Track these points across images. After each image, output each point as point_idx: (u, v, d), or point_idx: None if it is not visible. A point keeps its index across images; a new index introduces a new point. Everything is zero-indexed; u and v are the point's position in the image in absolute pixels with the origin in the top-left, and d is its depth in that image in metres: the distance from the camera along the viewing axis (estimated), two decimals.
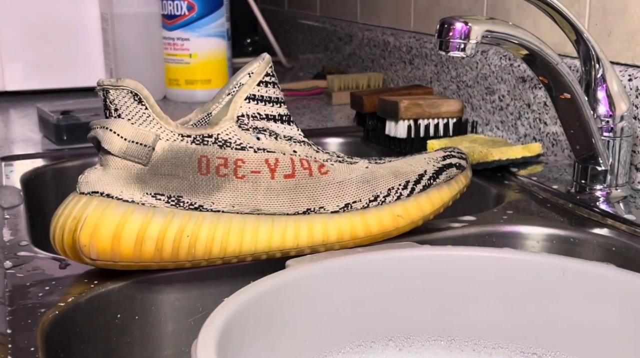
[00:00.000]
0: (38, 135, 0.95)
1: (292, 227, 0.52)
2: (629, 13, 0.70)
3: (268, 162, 0.51)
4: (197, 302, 0.53)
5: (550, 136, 0.80)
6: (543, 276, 0.47)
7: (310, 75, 1.39)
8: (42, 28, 1.21)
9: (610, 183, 0.66)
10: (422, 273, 0.49)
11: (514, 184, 0.72)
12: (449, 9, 1.01)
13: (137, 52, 1.19)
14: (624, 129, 0.65)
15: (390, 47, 1.15)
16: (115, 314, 0.50)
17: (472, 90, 0.93)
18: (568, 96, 0.62)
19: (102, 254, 0.48)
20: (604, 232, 0.60)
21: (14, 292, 0.49)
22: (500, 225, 0.62)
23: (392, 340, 0.49)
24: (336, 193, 0.53)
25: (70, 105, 0.96)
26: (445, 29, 0.56)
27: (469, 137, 0.82)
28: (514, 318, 0.48)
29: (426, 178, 0.57)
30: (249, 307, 0.41)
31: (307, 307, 0.46)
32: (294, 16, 1.59)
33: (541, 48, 0.60)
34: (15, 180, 0.76)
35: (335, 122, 1.03)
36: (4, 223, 0.62)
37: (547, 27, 0.81)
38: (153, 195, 0.49)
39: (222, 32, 1.19)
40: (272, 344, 0.44)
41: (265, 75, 0.53)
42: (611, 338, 0.46)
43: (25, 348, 0.42)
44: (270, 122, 0.53)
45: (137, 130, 0.49)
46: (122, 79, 0.49)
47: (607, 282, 0.45)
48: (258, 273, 0.46)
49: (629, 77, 0.69)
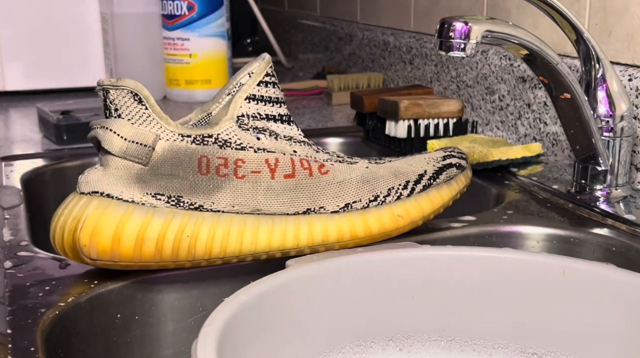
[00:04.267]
0: (38, 135, 0.95)
1: (292, 227, 0.52)
2: (629, 13, 0.70)
3: (268, 162, 0.51)
4: (197, 302, 0.53)
5: (550, 136, 0.80)
6: (543, 276, 0.47)
7: (310, 75, 1.39)
8: (42, 28, 1.21)
9: (610, 183, 0.66)
10: (422, 273, 0.49)
11: (514, 184, 0.72)
12: (449, 9, 1.01)
13: (137, 52, 1.19)
14: (624, 129, 0.65)
15: (390, 47, 1.15)
16: (115, 314, 0.50)
17: (472, 90, 0.93)
18: (568, 96, 0.62)
19: (102, 254, 0.48)
20: (604, 232, 0.60)
21: (14, 292, 0.49)
22: (500, 225, 0.62)
23: (392, 340, 0.49)
24: (336, 193, 0.53)
25: (70, 105, 0.96)
26: (445, 29, 0.56)
27: (469, 137, 0.82)
28: (514, 318, 0.48)
29: (426, 178, 0.57)
30: (249, 307, 0.41)
31: (307, 307, 0.46)
32: (294, 16, 1.59)
33: (541, 48, 0.60)
34: (15, 180, 0.76)
35: (335, 122, 1.03)
36: (4, 223, 0.62)
37: (547, 27, 0.81)
38: (153, 195, 0.49)
39: (222, 32, 1.19)
40: (272, 344, 0.44)
41: (265, 75, 0.53)
42: (611, 338, 0.46)
43: (25, 348, 0.42)
44: (270, 122, 0.53)
45: (137, 130, 0.49)
46: (122, 79, 0.49)
47: (607, 282, 0.45)
48: (258, 273, 0.46)
49: (629, 77, 0.69)
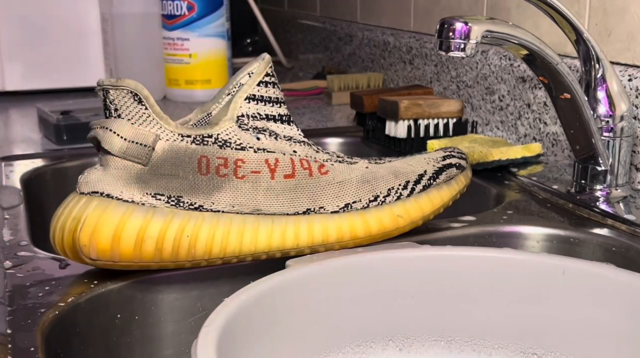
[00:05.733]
0: (38, 135, 0.95)
1: (292, 227, 0.52)
2: (629, 13, 0.70)
3: (268, 162, 0.51)
4: (197, 302, 0.53)
5: (550, 136, 0.80)
6: (543, 276, 0.47)
7: (310, 75, 1.39)
8: (42, 28, 1.21)
9: (610, 184, 0.66)
10: (422, 273, 0.49)
11: (514, 184, 0.72)
12: (449, 9, 1.01)
13: (137, 52, 1.19)
14: (624, 129, 0.65)
15: (390, 47, 1.15)
16: (115, 314, 0.50)
17: (472, 90, 0.93)
18: (568, 96, 0.62)
19: (102, 254, 0.48)
20: (604, 232, 0.60)
21: (14, 292, 0.49)
22: (500, 225, 0.62)
23: (392, 340, 0.49)
24: (336, 193, 0.53)
25: (70, 105, 0.96)
26: (445, 29, 0.56)
27: (469, 137, 0.82)
28: (514, 318, 0.48)
29: (426, 178, 0.57)
30: (249, 307, 0.41)
31: (307, 306, 0.46)
32: (294, 16, 1.59)
33: (541, 48, 0.60)
34: (15, 180, 0.76)
35: (335, 122, 1.03)
36: (4, 223, 0.62)
37: (547, 27, 0.81)
38: (153, 195, 0.49)
39: (222, 32, 1.19)
40: (272, 344, 0.44)
41: (265, 75, 0.53)
42: (611, 338, 0.46)
43: (25, 348, 0.42)
44: (270, 122, 0.53)
45: (137, 130, 0.49)
46: (122, 79, 0.49)
47: (607, 282, 0.45)
48: (258, 273, 0.46)
49: (629, 77, 0.69)
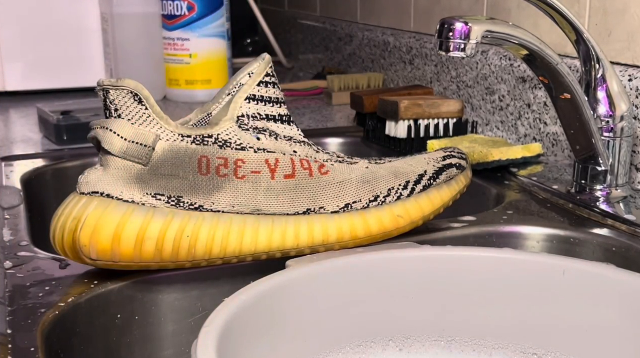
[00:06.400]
0: (38, 135, 0.95)
1: (292, 227, 0.52)
2: (629, 13, 0.70)
3: (268, 162, 0.51)
4: (197, 302, 0.53)
5: (550, 136, 0.80)
6: (543, 276, 0.47)
7: (310, 75, 1.39)
8: (42, 28, 1.21)
9: (610, 184, 0.66)
10: (422, 273, 0.49)
11: (514, 184, 0.72)
12: (449, 9, 1.01)
13: (137, 52, 1.19)
14: (624, 129, 0.65)
15: (390, 47, 1.15)
16: (115, 314, 0.50)
17: (472, 90, 0.93)
18: (568, 96, 0.62)
19: (102, 254, 0.48)
20: (604, 232, 0.60)
21: (14, 292, 0.49)
22: (500, 225, 0.62)
23: (392, 340, 0.49)
24: (336, 193, 0.53)
25: (70, 105, 0.96)
26: (445, 29, 0.56)
27: (469, 137, 0.82)
28: (514, 318, 0.48)
29: (426, 178, 0.57)
30: (249, 307, 0.41)
31: (307, 307, 0.46)
32: (294, 16, 1.59)
33: (541, 48, 0.60)
34: (15, 180, 0.76)
35: (335, 122, 1.03)
36: (4, 223, 0.62)
37: (547, 27, 0.81)
38: (153, 195, 0.49)
39: (222, 32, 1.19)
40: (272, 344, 0.44)
41: (265, 75, 0.53)
42: (611, 338, 0.46)
43: (25, 348, 0.42)
44: (270, 122, 0.53)
45: (137, 130, 0.49)
46: (122, 79, 0.49)
47: (607, 282, 0.45)
48: (258, 273, 0.46)
49: (629, 77, 0.69)
